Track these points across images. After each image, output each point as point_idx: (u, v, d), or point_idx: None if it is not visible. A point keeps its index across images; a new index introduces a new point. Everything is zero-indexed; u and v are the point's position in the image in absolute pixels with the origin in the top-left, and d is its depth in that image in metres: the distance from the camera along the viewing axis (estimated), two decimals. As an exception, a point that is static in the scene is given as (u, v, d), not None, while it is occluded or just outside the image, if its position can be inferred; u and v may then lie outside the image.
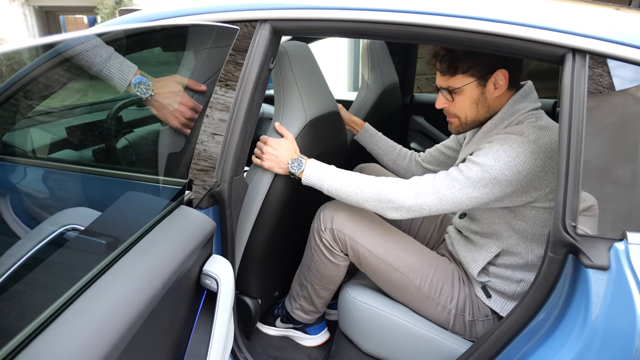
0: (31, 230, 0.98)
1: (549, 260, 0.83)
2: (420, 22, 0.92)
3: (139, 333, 0.65)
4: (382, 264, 1.18)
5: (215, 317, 0.84)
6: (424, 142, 2.51)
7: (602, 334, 0.76)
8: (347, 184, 1.12)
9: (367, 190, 1.10)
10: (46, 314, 0.56)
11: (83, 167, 1.16)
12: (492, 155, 1.00)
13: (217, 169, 1.02)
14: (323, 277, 1.27)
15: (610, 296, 0.75)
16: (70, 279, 0.64)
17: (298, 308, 1.38)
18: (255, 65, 1.02)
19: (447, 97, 1.13)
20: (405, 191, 1.06)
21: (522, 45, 0.87)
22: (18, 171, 1.18)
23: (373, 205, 1.10)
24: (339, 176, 1.15)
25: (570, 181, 0.79)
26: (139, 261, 0.70)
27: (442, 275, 1.19)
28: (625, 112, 0.83)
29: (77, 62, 0.98)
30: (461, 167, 1.04)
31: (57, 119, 1.32)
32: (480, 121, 1.14)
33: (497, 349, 0.95)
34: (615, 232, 0.77)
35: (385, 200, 1.08)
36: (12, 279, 0.71)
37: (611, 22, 0.83)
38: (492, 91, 1.09)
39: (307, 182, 1.19)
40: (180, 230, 0.84)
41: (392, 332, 1.19)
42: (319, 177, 1.16)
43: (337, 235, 1.20)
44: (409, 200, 1.05)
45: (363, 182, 1.12)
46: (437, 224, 1.45)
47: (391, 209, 1.08)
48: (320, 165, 1.18)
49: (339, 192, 1.14)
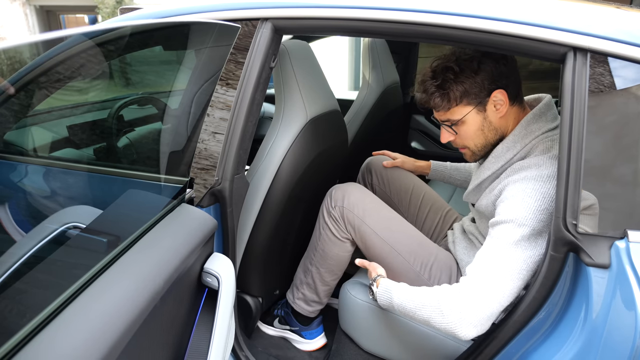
0: (33, 228, 0.99)
1: (549, 258, 0.83)
2: (421, 20, 0.92)
3: (141, 330, 0.65)
4: (385, 247, 1.21)
5: (217, 314, 0.84)
6: (424, 141, 2.51)
7: (603, 332, 0.76)
8: (410, 299, 1.01)
9: (426, 301, 0.98)
10: (47, 311, 0.56)
11: (85, 166, 1.16)
12: (520, 206, 0.92)
13: (219, 167, 1.02)
14: (328, 257, 1.30)
15: (611, 294, 0.74)
16: (72, 277, 0.64)
17: (300, 298, 1.38)
18: (256, 63, 1.02)
19: (449, 130, 1.08)
20: (460, 294, 0.94)
21: (522, 44, 0.87)
22: (19, 169, 1.18)
23: (437, 319, 0.95)
24: (406, 291, 1.04)
25: (571, 180, 0.79)
26: (140, 258, 0.70)
27: (441, 265, 1.20)
28: (626, 111, 0.83)
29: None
30: (496, 236, 0.94)
31: (58, 117, 1.32)
32: (492, 144, 1.08)
33: (497, 348, 0.95)
34: (616, 231, 0.77)
35: (446, 310, 0.94)
36: (13, 277, 0.71)
37: (612, 20, 0.83)
38: (494, 112, 1.03)
39: (380, 299, 1.10)
40: (181, 228, 0.84)
41: (393, 330, 1.19)
42: (389, 293, 1.07)
43: (346, 215, 1.24)
44: (468, 303, 0.92)
45: (423, 292, 1.01)
46: (442, 216, 1.46)
47: (457, 319, 0.92)
48: (392, 283, 1.09)
49: (406, 310, 1.02)
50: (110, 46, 1.11)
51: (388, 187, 1.51)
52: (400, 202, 1.50)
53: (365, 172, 1.56)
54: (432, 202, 1.48)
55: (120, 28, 1.03)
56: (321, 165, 1.41)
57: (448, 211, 1.47)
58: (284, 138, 1.26)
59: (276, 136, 1.27)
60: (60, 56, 1.11)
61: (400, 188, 1.50)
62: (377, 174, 1.53)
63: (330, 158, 1.49)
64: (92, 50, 1.08)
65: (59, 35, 0.78)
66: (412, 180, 1.51)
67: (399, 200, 1.50)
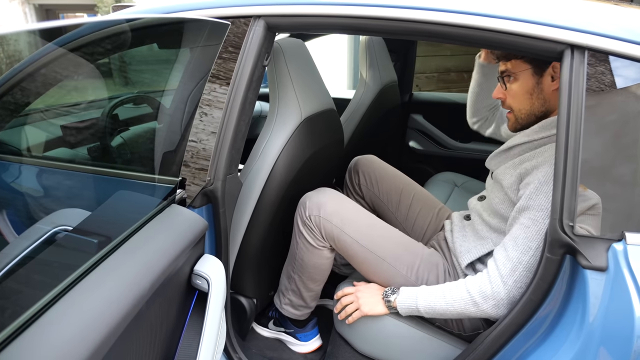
0: (23, 230, 0.97)
1: (546, 260, 0.81)
2: (417, 17, 0.91)
3: (127, 332, 0.63)
4: (368, 254, 1.18)
5: (206, 317, 0.82)
6: (422, 140, 2.50)
7: (600, 335, 0.74)
8: (440, 297, 1.05)
9: (457, 295, 1.02)
10: (32, 311, 0.54)
11: (76, 166, 1.14)
12: (545, 196, 0.93)
13: (211, 167, 1.00)
14: (309, 266, 1.27)
15: (608, 298, 0.73)
16: (56, 278, 0.62)
17: (287, 303, 1.37)
18: (249, 61, 1.01)
19: (502, 84, 1.09)
20: (491, 282, 0.98)
21: (520, 42, 0.85)
22: (11, 170, 1.17)
23: (471, 310, 1.01)
24: (429, 291, 1.07)
25: (567, 180, 0.78)
26: (126, 260, 0.69)
27: (427, 266, 1.19)
28: (624, 110, 0.82)
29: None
30: (525, 223, 0.96)
31: (51, 117, 1.31)
32: (536, 115, 1.06)
33: (493, 350, 0.94)
34: (614, 233, 0.76)
35: (480, 299, 0.99)
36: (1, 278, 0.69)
37: (611, 18, 0.81)
38: (550, 84, 1.02)
39: (403, 308, 1.11)
40: (169, 229, 0.82)
41: (388, 333, 1.18)
42: (414, 299, 1.09)
43: (323, 225, 1.20)
44: (500, 290, 0.96)
45: (450, 288, 1.05)
46: (434, 215, 1.44)
47: (492, 307, 0.98)
48: (411, 289, 1.12)
49: (435, 309, 1.05)
50: (100, 44, 1.09)
51: (377, 187, 1.49)
52: (389, 202, 1.47)
53: (352, 172, 1.54)
54: (423, 202, 1.46)
55: (106, 23, 1.01)
56: (316, 165, 1.40)
57: (440, 209, 1.45)
58: (278, 137, 1.24)
59: (270, 135, 1.25)
60: (50, 55, 1.09)
61: (389, 188, 1.48)
62: (365, 174, 1.51)
63: (326, 158, 1.47)
64: (82, 49, 1.07)
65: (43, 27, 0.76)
66: (402, 180, 1.49)
67: (388, 201, 1.47)
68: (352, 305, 1.18)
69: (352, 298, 1.19)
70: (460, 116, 2.42)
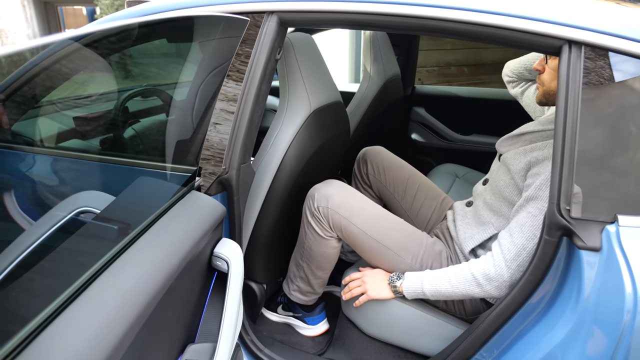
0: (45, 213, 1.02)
1: (544, 242, 0.87)
2: (422, 14, 0.95)
3: (158, 308, 0.69)
4: (375, 244, 1.23)
5: (227, 296, 0.88)
6: (424, 133, 2.55)
7: (593, 311, 0.80)
8: (445, 280, 1.11)
9: (461, 277, 1.09)
10: (78, 283, 0.60)
11: (100, 156, 1.20)
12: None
13: (226, 156, 1.05)
14: (317, 255, 1.32)
15: (601, 276, 0.79)
16: (93, 257, 0.68)
17: (295, 289, 1.42)
18: (262, 55, 1.05)
19: (544, 59, 1.11)
20: (495, 266, 1.04)
21: (521, 37, 0.90)
22: (27, 160, 1.21)
23: (475, 290, 1.07)
24: (433, 275, 1.14)
25: (565, 168, 0.83)
26: (156, 240, 0.74)
27: (431, 254, 1.25)
28: (621, 103, 0.87)
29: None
30: (533, 212, 1.02)
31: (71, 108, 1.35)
32: None
33: (494, 329, 1.00)
34: (608, 215, 0.81)
35: (484, 280, 1.05)
36: (36, 259, 0.75)
37: (607, 15, 0.86)
38: None
39: (409, 291, 1.17)
40: (193, 213, 0.88)
41: (394, 315, 1.23)
42: (419, 283, 1.15)
43: (331, 216, 1.24)
44: (504, 273, 1.03)
45: (454, 272, 1.11)
46: (438, 204, 1.50)
47: (495, 289, 1.05)
48: (416, 274, 1.18)
49: (441, 292, 1.12)
50: (120, 40, 1.14)
51: (384, 177, 1.55)
52: (395, 191, 1.53)
53: (361, 162, 1.60)
54: (427, 191, 1.52)
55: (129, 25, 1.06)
56: (324, 155, 1.45)
57: (444, 199, 1.51)
58: (288, 128, 1.29)
59: (281, 126, 1.30)
60: (68, 48, 1.14)
61: (396, 178, 1.54)
62: (373, 164, 1.56)
63: (333, 148, 1.52)
64: (99, 44, 1.11)
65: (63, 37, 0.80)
66: (408, 171, 1.55)
67: (394, 190, 1.53)
68: (359, 288, 1.23)
69: (359, 282, 1.25)
70: (462, 109, 2.49)
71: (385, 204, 1.59)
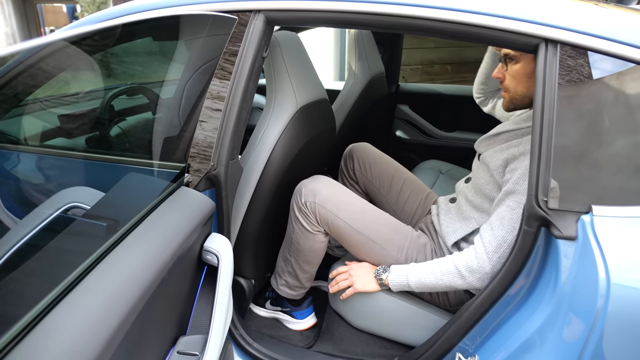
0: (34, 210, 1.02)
1: (523, 233, 0.91)
2: (405, 13, 0.98)
3: (152, 299, 0.70)
4: (361, 237, 1.27)
5: (217, 289, 0.89)
6: (409, 130, 2.59)
7: (569, 297, 0.84)
8: (429, 272, 1.14)
9: (445, 270, 1.12)
10: (70, 279, 0.61)
11: (86, 154, 1.20)
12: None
13: (214, 153, 1.07)
14: (304, 249, 1.34)
15: (576, 263, 0.83)
16: (85, 252, 0.69)
17: (283, 284, 1.44)
18: (249, 54, 1.07)
19: (503, 65, 1.14)
20: (477, 258, 1.08)
21: (500, 36, 0.93)
22: (12, 158, 1.21)
23: (458, 282, 1.11)
24: (418, 268, 1.17)
25: (542, 161, 0.87)
26: (149, 233, 0.76)
27: (416, 247, 1.28)
28: (595, 101, 0.90)
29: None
30: (511, 205, 1.05)
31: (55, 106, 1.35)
32: (530, 98, 1.12)
33: (476, 318, 1.03)
34: (583, 206, 0.85)
35: (466, 272, 1.09)
36: (27, 253, 0.75)
37: (583, 15, 0.89)
38: None
39: (395, 284, 1.21)
40: (183, 208, 0.89)
41: (380, 307, 1.27)
42: (405, 276, 1.18)
43: (318, 210, 1.27)
44: (486, 265, 1.07)
45: (438, 264, 1.14)
46: (422, 199, 1.54)
47: (477, 280, 1.09)
48: (401, 266, 1.21)
49: (425, 284, 1.15)
50: (104, 37, 1.14)
51: (370, 172, 1.58)
52: (381, 187, 1.57)
53: (348, 158, 1.63)
54: (412, 187, 1.56)
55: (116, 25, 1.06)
56: (311, 152, 1.47)
57: (428, 194, 1.55)
58: (275, 126, 1.31)
59: (268, 123, 1.32)
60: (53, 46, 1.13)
61: (382, 173, 1.57)
62: (360, 160, 1.59)
63: (319, 145, 1.54)
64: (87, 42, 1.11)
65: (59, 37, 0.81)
66: (393, 166, 1.59)
67: (380, 185, 1.57)
68: (346, 281, 1.26)
69: (345, 276, 1.27)
70: (445, 106, 2.54)
71: (371, 199, 1.62)
